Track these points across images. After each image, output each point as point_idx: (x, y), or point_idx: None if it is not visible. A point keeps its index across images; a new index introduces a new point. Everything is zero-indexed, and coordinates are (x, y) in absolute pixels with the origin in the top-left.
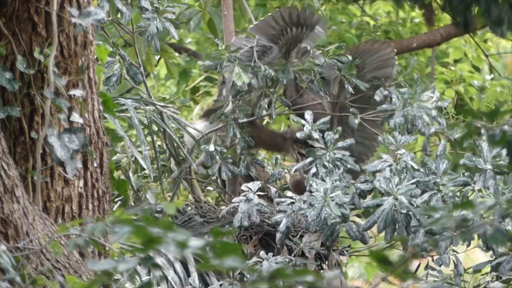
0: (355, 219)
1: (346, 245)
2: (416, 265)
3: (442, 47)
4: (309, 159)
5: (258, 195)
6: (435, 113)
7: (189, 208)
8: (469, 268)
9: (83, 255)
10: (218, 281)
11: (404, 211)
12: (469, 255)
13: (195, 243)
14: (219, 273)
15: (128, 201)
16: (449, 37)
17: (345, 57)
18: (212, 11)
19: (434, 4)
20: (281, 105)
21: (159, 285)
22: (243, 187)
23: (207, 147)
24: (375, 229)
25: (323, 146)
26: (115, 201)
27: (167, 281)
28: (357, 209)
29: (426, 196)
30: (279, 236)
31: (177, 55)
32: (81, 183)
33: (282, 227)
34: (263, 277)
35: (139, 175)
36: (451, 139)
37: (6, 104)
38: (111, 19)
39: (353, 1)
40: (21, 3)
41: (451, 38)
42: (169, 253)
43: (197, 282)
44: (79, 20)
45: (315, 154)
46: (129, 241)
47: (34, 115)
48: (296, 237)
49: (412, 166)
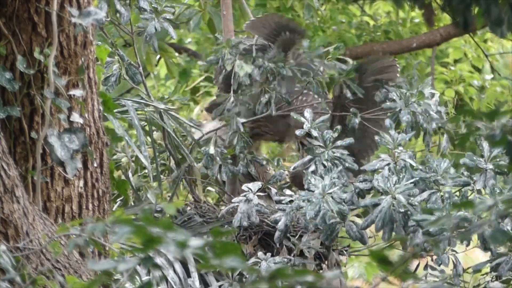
0: (355, 219)
1: (345, 245)
2: (415, 265)
3: (442, 47)
4: (308, 157)
5: (258, 195)
6: (438, 108)
7: (188, 208)
8: (469, 268)
9: (83, 255)
10: (217, 281)
11: (402, 210)
12: (469, 255)
13: (195, 243)
14: (219, 273)
15: (128, 201)
16: (449, 37)
17: (345, 60)
18: (211, 11)
19: (434, 4)
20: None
21: (159, 285)
22: (243, 187)
23: (207, 149)
24: (374, 228)
25: (322, 144)
26: (115, 201)
27: (167, 281)
28: (356, 209)
29: (425, 194)
30: (277, 234)
31: (177, 55)
32: (81, 183)
33: (280, 225)
34: (263, 277)
35: (139, 175)
36: (452, 135)
37: (6, 104)
38: (110, 19)
39: (353, 1)
40: (21, 3)
41: (451, 38)
42: (169, 253)
43: (197, 282)
44: (79, 20)
45: (314, 152)
46: (129, 241)
47: (34, 115)
48: (295, 237)
49: (410, 164)
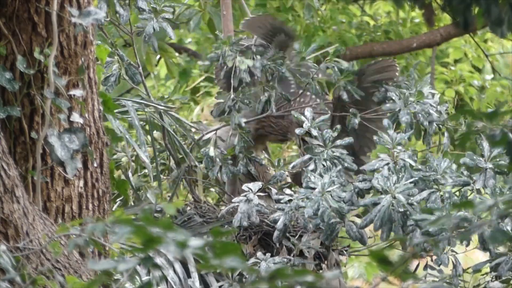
0: (355, 220)
1: (345, 245)
2: (415, 265)
3: (442, 47)
4: (307, 156)
5: (258, 196)
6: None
7: (188, 208)
8: (469, 268)
9: (83, 255)
10: (217, 281)
11: (401, 210)
12: (469, 255)
13: (195, 243)
14: (219, 273)
15: (128, 201)
16: (449, 37)
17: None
18: (212, 11)
19: (434, 4)
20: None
21: (159, 285)
22: (243, 187)
23: (207, 150)
24: (373, 228)
25: (321, 143)
26: (115, 201)
27: (167, 281)
28: (356, 209)
29: (425, 194)
30: (276, 234)
31: (177, 55)
32: (81, 183)
33: (279, 224)
34: (263, 277)
35: (139, 174)
36: (453, 134)
37: (6, 104)
38: (109, 19)
39: (353, 1)
40: (21, 3)
41: (451, 38)
42: (169, 253)
43: (197, 282)
44: (79, 20)
45: (313, 151)
46: (129, 241)
47: (34, 115)
48: (295, 237)
49: (410, 164)
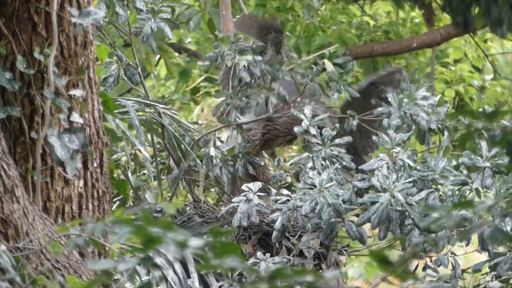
0: (354, 219)
1: (344, 244)
2: (414, 265)
3: (442, 47)
4: (306, 154)
5: (258, 196)
6: (433, 108)
7: (188, 208)
8: (469, 268)
9: (83, 255)
10: (217, 281)
11: (399, 208)
12: (470, 256)
13: (194, 243)
14: (219, 273)
15: (127, 201)
16: (449, 37)
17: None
18: (211, 11)
19: (434, 4)
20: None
21: (158, 285)
22: (243, 187)
23: (207, 150)
24: (370, 226)
25: (320, 142)
26: (114, 201)
27: (167, 282)
28: (355, 208)
29: (423, 194)
30: (275, 234)
31: (177, 55)
32: (81, 183)
33: (278, 225)
34: (262, 277)
35: (138, 174)
36: (453, 133)
37: (6, 104)
38: (108, 20)
39: (353, 1)
40: (21, 3)
41: (451, 38)
42: (168, 253)
43: (197, 283)
44: (79, 20)
45: (312, 149)
46: (129, 241)
47: (34, 115)
48: (295, 237)
49: (409, 164)
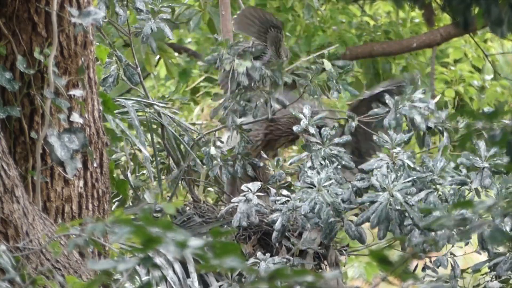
0: (354, 219)
1: (344, 244)
2: (414, 265)
3: (442, 47)
4: (305, 154)
5: (258, 196)
6: (431, 109)
7: (188, 208)
8: (468, 268)
9: (83, 255)
10: (217, 281)
11: (398, 208)
12: (469, 256)
13: (194, 243)
14: (218, 273)
15: (127, 201)
16: (449, 37)
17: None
18: (211, 11)
19: (434, 4)
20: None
21: (158, 285)
22: (243, 187)
23: (207, 150)
24: (369, 226)
25: (319, 141)
26: (114, 201)
27: (166, 281)
28: (355, 208)
29: (422, 194)
30: (275, 234)
31: (177, 55)
32: (81, 183)
33: (277, 225)
34: (262, 277)
35: (137, 174)
36: (453, 133)
37: (6, 104)
38: (107, 20)
39: (353, 1)
40: (21, 3)
41: (451, 38)
42: (168, 253)
43: (197, 283)
44: (79, 20)
45: (311, 149)
46: (129, 241)
47: (34, 115)
48: (294, 236)
49: (408, 164)
